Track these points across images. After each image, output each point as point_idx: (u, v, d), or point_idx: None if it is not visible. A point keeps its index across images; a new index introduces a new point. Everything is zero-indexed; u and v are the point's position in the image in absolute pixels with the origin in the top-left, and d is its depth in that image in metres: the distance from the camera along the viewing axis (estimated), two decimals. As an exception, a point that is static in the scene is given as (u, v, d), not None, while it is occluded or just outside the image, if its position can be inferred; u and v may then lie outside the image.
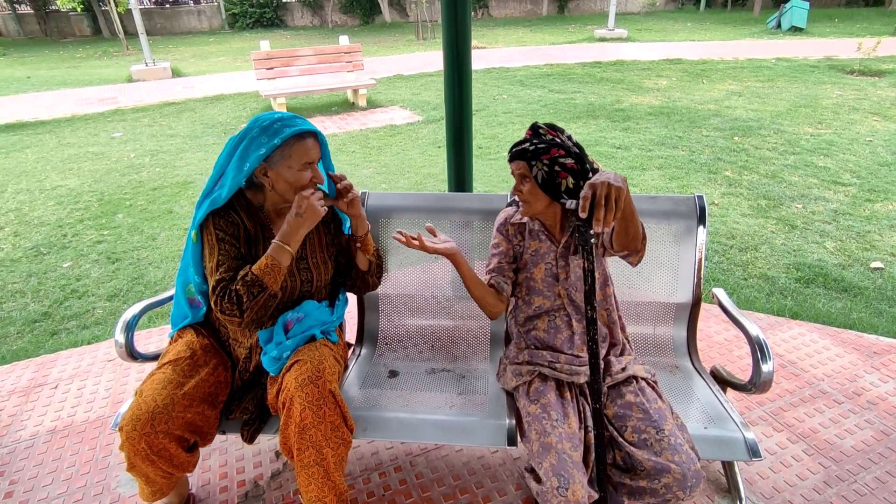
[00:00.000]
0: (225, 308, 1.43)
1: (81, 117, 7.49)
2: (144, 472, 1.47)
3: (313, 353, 1.50)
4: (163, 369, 1.52)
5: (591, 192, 1.20)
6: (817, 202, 4.13)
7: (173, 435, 1.43)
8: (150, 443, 1.40)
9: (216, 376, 1.57)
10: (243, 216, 1.52)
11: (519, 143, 1.46)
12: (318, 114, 7.33)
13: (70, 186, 5.01)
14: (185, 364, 1.52)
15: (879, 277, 3.12)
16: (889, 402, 2.15)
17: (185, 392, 1.46)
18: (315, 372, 1.43)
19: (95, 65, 12.29)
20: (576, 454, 1.36)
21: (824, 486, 1.80)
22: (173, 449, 1.45)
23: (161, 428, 1.40)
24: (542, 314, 1.58)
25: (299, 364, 1.46)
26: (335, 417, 1.44)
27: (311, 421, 1.40)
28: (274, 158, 1.44)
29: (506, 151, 5.55)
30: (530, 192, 1.46)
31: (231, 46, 14.63)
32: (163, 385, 1.46)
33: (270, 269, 1.44)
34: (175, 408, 1.43)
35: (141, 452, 1.40)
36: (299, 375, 1.43)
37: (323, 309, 1.65)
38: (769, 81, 8.17)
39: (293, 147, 1.44)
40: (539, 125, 1.45)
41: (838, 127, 5.92)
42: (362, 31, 17.33)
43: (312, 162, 1.48)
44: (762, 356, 1.55)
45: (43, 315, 3.08)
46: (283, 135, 1.42)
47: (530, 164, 1.43)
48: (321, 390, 1.42)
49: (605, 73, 9.15)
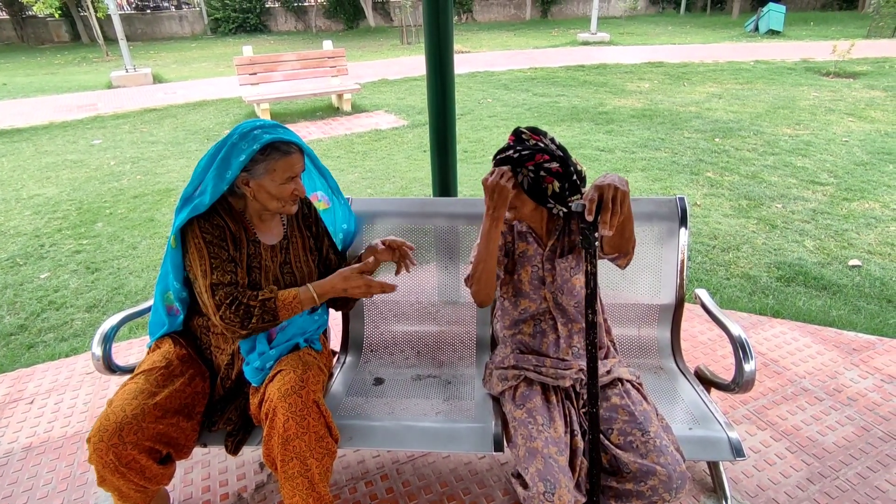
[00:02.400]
0: (228, 317, 1.42)
1: (60, 124, 7.36)
2: (116, 485, 1.42)
3: (297, 363, 1.48)
4: (135, 380, 1.49)
5: (598, 195, 1.20)
6: (796, 202, 4.20)
7: (143, 446, 1.39)
8: (118, 454, 1.36)
9: (193, 387, 1.54)
10: (227, 219, 1.51)
11: (503, 150, 1.45)
12: (302, 119, 7.29)
13: (48, 195, 4.91)
14: (158, 374, 1.49)
15: (857, 275, 3.17)
16: (869, 398, 2.18)
17: (156, 402, 1.43)
18: (298, 382, 1.42)
19: (74, 71, 12.09)
20: (562, 458, 1.36)
21: (807, 483, 1.81)
22: (144, 461, 1.41)
23: (129, 439, 1.36)
24: (528, 318, 1.58)
25: (282, 374, 1.44)
26: (319, 427, 1.42)
27: (294, 431, 1.38)
28: (258, 171, 1.44)
29: (491, 155, 5.56)
30: (517, 198, 1.45)
31: (214, 52, 14.50)
32: (133, 395, 1.42)
33: (291, 306, 1.47)
34: (145, 418, 1.39)
35: (109, 464, 1.37)
36: (282, 386, 1.41)
37: (306, 316, 1.63)
38: (748, 83, 8.31)
39: (278, 162, 1.43)
40: (521, 130, 1.45)
41: (815, 128, 6.03)
42: (346, 35, 17.29)
43: (295, 175, 1.49)
44: (744, 356, 1.57)
45: (19, 328, 3.00)
46: (262, 140, 1.41)
47: (515, 171, 1.42)
48: (305, 400, 1.40)
49: (589, 76, 9.24)
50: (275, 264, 1.57)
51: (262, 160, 1.43)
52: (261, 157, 1.43)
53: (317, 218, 1.69)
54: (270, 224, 1.59)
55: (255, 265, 1.54)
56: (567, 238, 1.56)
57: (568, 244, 1.55)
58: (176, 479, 1.90)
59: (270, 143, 1.42)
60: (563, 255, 1.55)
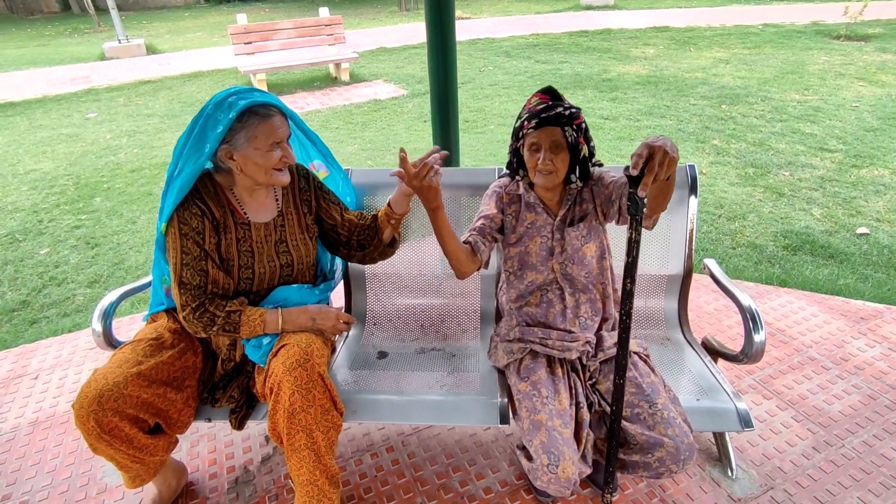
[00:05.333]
0: (190, 319, 1.43)
1: (53, 98, 7.23)
2: (108, 454, 1.42)
3: (300, 337, 1.46)
4: (123, 349, 1.48)
5: (648, 153, 1.10)
6: (804, 169, 4.12)
7: (125, 414, 1.38)
8: (98, 421, 1.35)
9: (183, 361, 1.52)
10: (210, 203, 1.44)
11: (544, 108, 1.36)
12: (299, 89, 7.14)
13: (44, 170, 4.84)
14: (146, 345, 1.48)
15: (865, 243, 3.13)
16: (875, 367, 2.17)
17: (140, 371, 1.41)
18: (303, 355, 1.40)
19: (66, 42, 11.83)
20: (566, 431, 1.35)
21: (813, 451, 1.81)
22: (128, 429, 1.39)
23: (109, 406, 1.35)
24: (535, 290, 1.55)
25: (286, 348, 1.42)
26: (325, 401, 1.41)
27: (300, 405, 1.37)
28: (238, 140, 1.36)
29: (493, 125, 5.47)
30: (563, 161, 1.39)
31: (208, 21, 14.15)
32: (118, 364, 1.42)
33: (254, 326, 1.46)
34: (127, 386, 1.37)
35: (92, 431, 1.36)
36: (287, 359, 1.39)
37: (304, 291, 1.59)
38: (756, 48, 8.09)
39: (258, 127, 1.35)
40: (554, 89, 1.40)
41: (825, 93, 5.89)
42: (343, 2, 16.82)
43: (280, 141, 1.40)
44: (754, 326, 1.54)
45: (21, 304, 2.99)
46: (238, 107, 1.32)
47: (563, 131, 1.36)
48: (310, 374, 1.39)
49: (592, 42, 9.00)
50: (269, 243, 1.53)
51: (240, 128, 1.35)
52: (239, 126, 1.35)
53: (317, 190, 1.62)
54: (264, 200, 1.52)
55: (246, 249, 1.49)
56: (578, 207, 1.51)
57: (579, 213, 1.51)
58: (182, 453, 1.91)
59: (247, 108, 1.34)
60: (573, 224, 1.51)
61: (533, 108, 1.38)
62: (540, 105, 1.38)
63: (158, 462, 1.54)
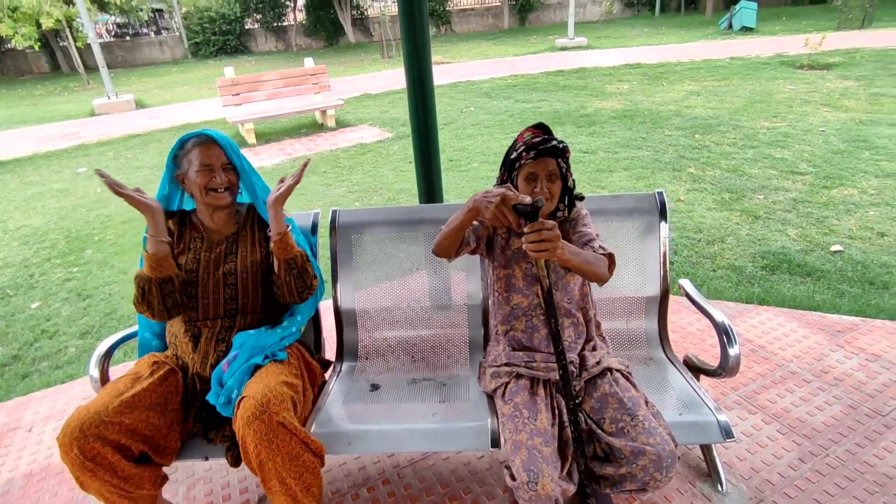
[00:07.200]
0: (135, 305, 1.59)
1: (44, 155, 7.35)
2: (94, 487, 1.43)
3: (257, 387, 1.47)
4: (105, 386, 1.56)
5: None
6: (777, 192, 4.29)
7: (108, 440, 1.41)
8: (81, 448, 1.37)
9: (165, 386, 1.57)
10: (170, 223, 1.67)
11: (541, 141, 1.48)
12: (286, 137, 7.33)
13: (35, 225, 4.90)
14: (128, 378, 1.55)
15: (840, 260, 3.25)
16: (854, 378, 2.23)
17: (122, 399, 1.46)
18: (259, 407, 1.40)
19: (56, 101, 12.08)
20: (546, 449, 1.39)
21: (799, 462, 1.86)
22: (110, 456, 1.41)
23: (91, 432, 1.38)
24: (520, 315, 1.62)
25: (244, 401, 1.44)
26: (291, 447, 1.43)
27: (266, 455, 1.41)
28: (183, 165, 1.63)
29: (476, 163, 5.64)
30: (557, 189, 1.53)
31: (195, 75, 14.53)
32: (100, 397, 1.48)
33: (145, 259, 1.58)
34: (109, 414, 1.42)
35: (76, 461, 1.38)
36: (244, 413, 1.41)
37: (261, 334, 1.64)
38: (725, 80, 8.47)
39: (192, 152, 1.61)
40: (545, 124, 1.54)
41: (792, 119, 6.16)
42: (327, 52, 17.40)
43: (211, 164, 1.61)
44: (728, 341, 1.62)
45: (12, 358, 3.00)
46: (182, 137, 1.63)
47: (557, 161, 1.50)
48: (269, 424, 1.40)
49: (569, 80, 9.37)
50: (215, 253, 1.67)
51: (184, 155, 1.63)
52: (182, 153, 1.64)
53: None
54: (220, 223, 1.71)
55: (193, 257, 1.66)
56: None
57: None
58: (178, 496, 1.91)
59: (188, 138, 1.63)
60: None
61: (528, 140, 1.50)
62: (536, 139, 1.49)
63: (148, 497, 1.53)
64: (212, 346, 1.64)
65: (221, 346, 1.63)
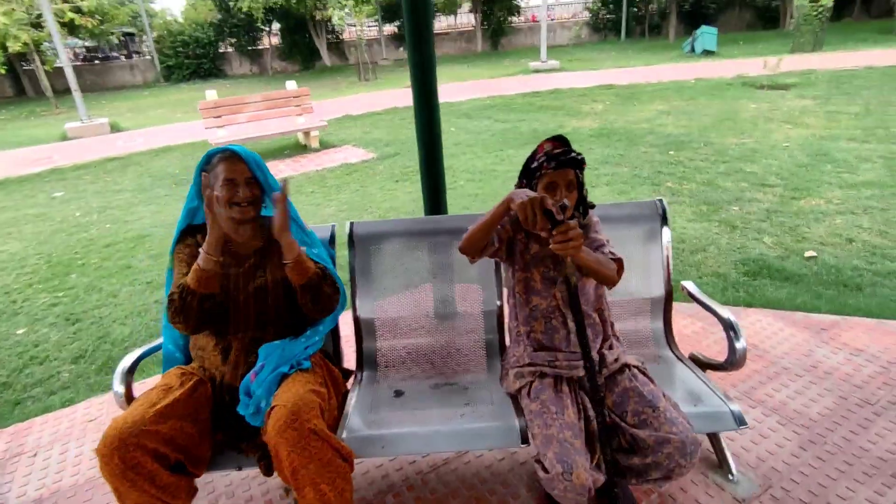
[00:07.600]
0: (171, 316, 1.58)
1: (15, 179, 7.16)
2: (132, 498, 1.43)
3: (287, 395, 1.50)
4: (136, 399, 1.57)
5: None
6: (751, 203, 4.52)
7: (147, 448, 1.43)
8: (122, 458, 1.39)
9: (195, 397, 1.60)
10: (198, 237, 1.70)
11: (560, 153, 1.58)
12: (270, 158, 7.34)
13: (12, 251, 4.77)
14: (159, 390, 1.57)
15: (815, 265, 3.45)
16: (841, 371, 2.38)
17: (156, 409, 1.48)
18: (290, 416, 1.44)
19: (23, 125, 11.80)
20: (577, 442, 1.47)
21: (800, 450, 1.97)
22: (149, 465, 1.43)
23: (131, 441, 1.40)
24: (540, 316, 1.70)
25: (275, 410, 1.47)
26: (324, 453, 1.46)
27: (299, 462, 1.43)
28: (211, 180, 1.64)
29: (462, 180, 5.76)
30: (574, 197, 1.62)
31: (168, 99, 14.41)
32: (134, 408, 1.50)
33: (194, 273, 1.57)
34: (146, 423, 1.44)
35: (116, 470, 1.39)
36: (276, 422, 1.44)
37: (286, 344, 1.67)
38: (692, 99, 8.89)
39: (217, 167, 1.64)
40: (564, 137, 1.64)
41: (758, 136, 6.51)
42: (303, 76, 17.50)
43: (234, 178, 1.63)
44: (735, 335, 1.73)
45: (2, 385, 2.91)
46: (208, 153, 1.66)
47: (576, 172, 1.60)
48: (300, 432, 1.43)
49: (545, 101, 9.68)
50: (244, 268, 1.70)
51: (211, 170, 1.65)
52: (209, 167, 1.66)
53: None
54: (245, 236, 1.73)
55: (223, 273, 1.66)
56: None
57: None
58: (201, 513, 1.90)
59: (213, 153, 1.66)
60: None
61: (549, 151, 1.60)
62: (556, 150, 1.59)
63: None
64: (242, 357, 1.66)
65: (252, 356, 1.66)
